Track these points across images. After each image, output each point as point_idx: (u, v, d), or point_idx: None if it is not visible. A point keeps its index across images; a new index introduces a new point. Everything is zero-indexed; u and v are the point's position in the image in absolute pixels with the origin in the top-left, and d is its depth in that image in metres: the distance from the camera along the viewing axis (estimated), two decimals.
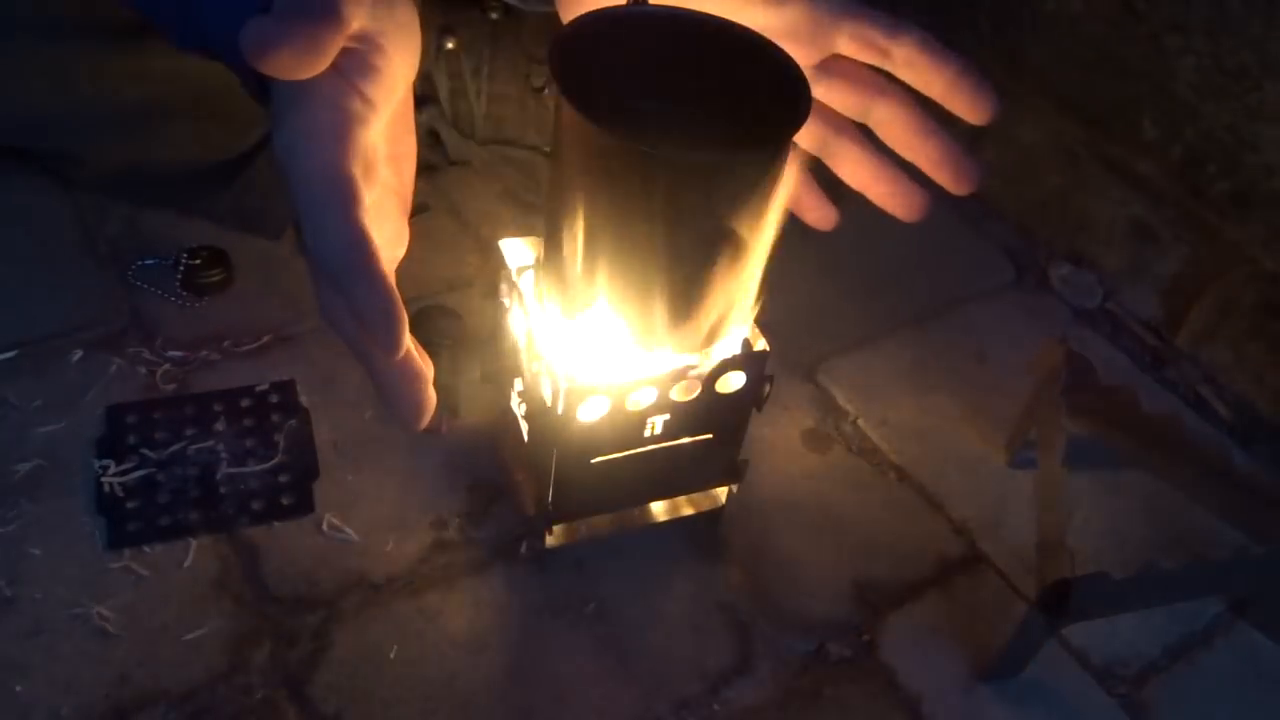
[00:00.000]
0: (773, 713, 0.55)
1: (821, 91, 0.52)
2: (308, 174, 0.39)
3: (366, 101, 0.42)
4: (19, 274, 0.69)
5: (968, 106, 0.50)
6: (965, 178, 0.52)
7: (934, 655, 0.59)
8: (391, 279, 0.39)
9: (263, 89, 0.43)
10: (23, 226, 0.72)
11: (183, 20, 0.47)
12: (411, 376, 0.41)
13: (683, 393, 0.52)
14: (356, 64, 0.42)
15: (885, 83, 0.51)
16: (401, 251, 0.45)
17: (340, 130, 0.40)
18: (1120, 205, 0.81)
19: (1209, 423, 0.75)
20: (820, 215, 0.56)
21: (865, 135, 0.53)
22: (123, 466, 0.59)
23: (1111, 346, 0.80)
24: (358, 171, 0.40)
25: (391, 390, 0.41)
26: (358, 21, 0.41)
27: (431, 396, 0.42)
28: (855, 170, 0.54)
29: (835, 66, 0.52)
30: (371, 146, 0.42)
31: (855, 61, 0.52)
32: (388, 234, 0.43)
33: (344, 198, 0.39)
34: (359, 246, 0.38)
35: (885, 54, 0.50)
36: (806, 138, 0.54)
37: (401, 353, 0.39)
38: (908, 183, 0.53)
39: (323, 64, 0.40)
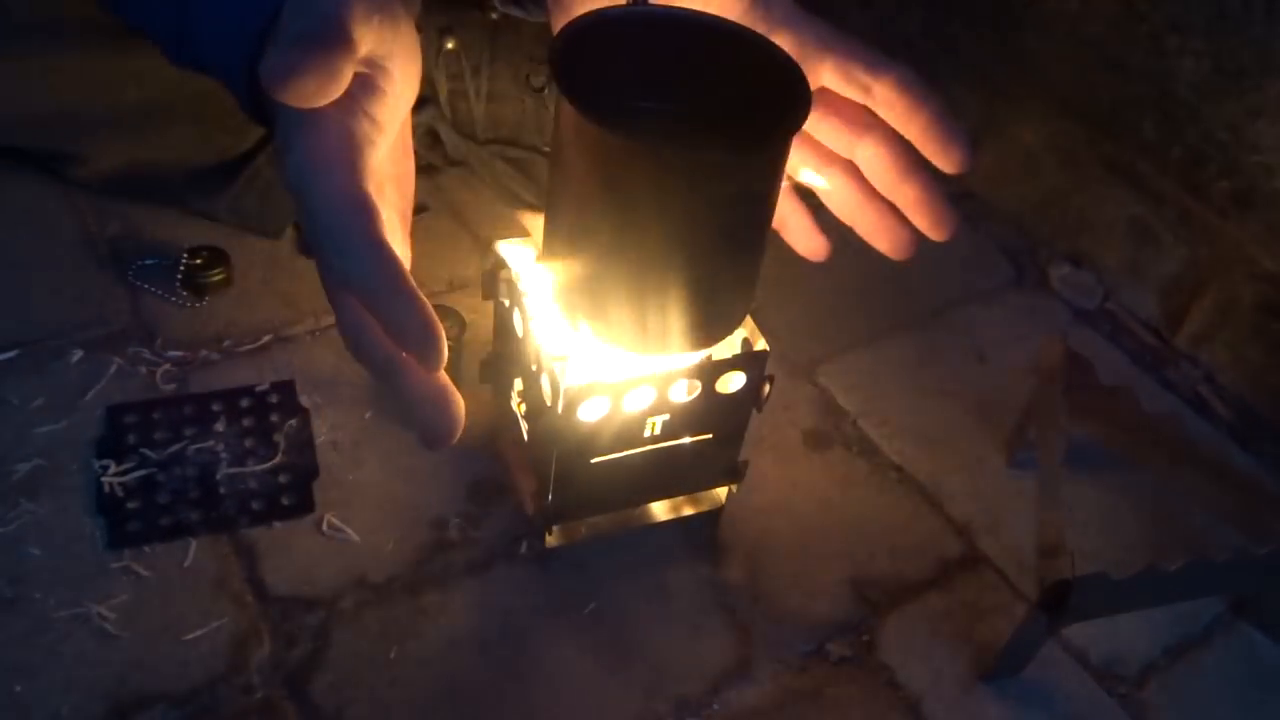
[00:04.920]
0: (773, 713, 0.55)
1: (809, 124, 0.52)
2: (325, 198, 0.39)
3: (374, 123, 0.42)
4: (19, 274, 0.69)
5: (938, 153, 0.50)
6: (942, 224, 0.52)
7: (934, 655, 0.59)
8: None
9: (258, 108, 0.43)
10: (23, 226, 0.72)
11: (179, 39, 0.47)
12: (445, 393, 0.41)
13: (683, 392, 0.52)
14: (363, 86, 0.42)
15: (871, 120, 0.52)
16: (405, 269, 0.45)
17: (352, 153, 0.40)
18: (1120, 205, 0.81)
19: (1209, 423, 0.75)
20: (810, 245, 0.56)
21: (854, 170, 0.54)
22: (123, 466, 0.59)
23: (1111, 346, 0.80)
24: (372, 192, 0.40)
25: (424, 408, 0.41)
26: (366, 46, 0.41)
27: (461, 412, 0.41)
28: (842, 205, 0.54)
29: (823, 100, 0.52)
30: (380, 167, 0.42)
31: (843, 96, 0.52)
32: (396, 252, 0.43)
33: (366, 219, 0.39)
34: (390, 266, 0.38)
35: (866, 90, 0.51)
36: (795, 169, 0.55)
37: (441, 368, 0.39)
38: (895, 219, 0.53)
39: (338, 91, 0.40)
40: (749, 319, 0.53)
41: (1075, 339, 0.78)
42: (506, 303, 0.57)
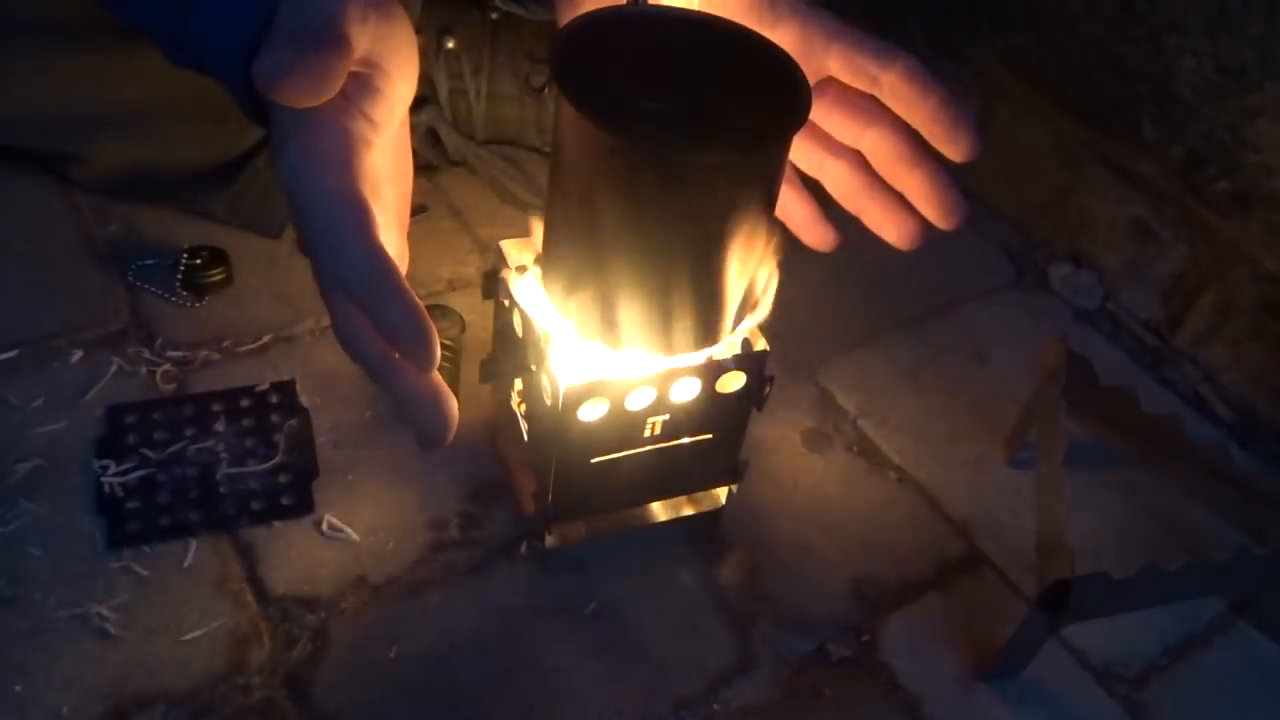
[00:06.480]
0: (773, 713, 0.55)
1: (816, 114, 0.52)
2: (319, 198, 0.39)
3: (370, 123, 0.42)
4: (19, 274, 0.69)
5: (946, 142, 0.50)
6: (950, 212, 0.52)
7: (934, 655, 0.59)
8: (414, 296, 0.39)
9: (256, 109, 0.43)
10: (23, 226, 0.72)
11: (177, 39, 0.47)
12: (439, 393, 0.41)
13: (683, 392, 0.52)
14: (359, 86, 0.42)
15: (878, 110, 0.52)
16: (403, 270, 0.45)
17: (347, 153, 0.40)
18: (1120, 205, 0.81)
19: (1209, 423, 0.75)
20: (818, 236, 0.56)
21: (861, 160, 0.54)
22: (123, 466, 0.59)
23: (1111, 346, 0.80)
24: (367, 192, 0.40)
25: (418, 409, 0.41)
26: (362, 46, 0.41)
27: (455, 412, 0.42)
28: (849, 195, 0.54)
29: (829, 90, 0.52)
30: (376, 168, 0.42)
31: (849, 86, 0.52)
32: (392, 253, 0.43)
33: (359, 220, 0.39)
34: (383, 267, 0.38)
35: (874, 81, 0.51)
36: (802, 159, 0.55)
37: (434, 369, 0.39)
38: (901, 209, 0.53)
39: (333, 91, 0.40)
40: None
41: (1075, 339, 0.78)
42: (506, 303, 0.57)
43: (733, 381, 0.53)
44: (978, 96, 0.88)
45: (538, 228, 0.53)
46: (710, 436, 0.56)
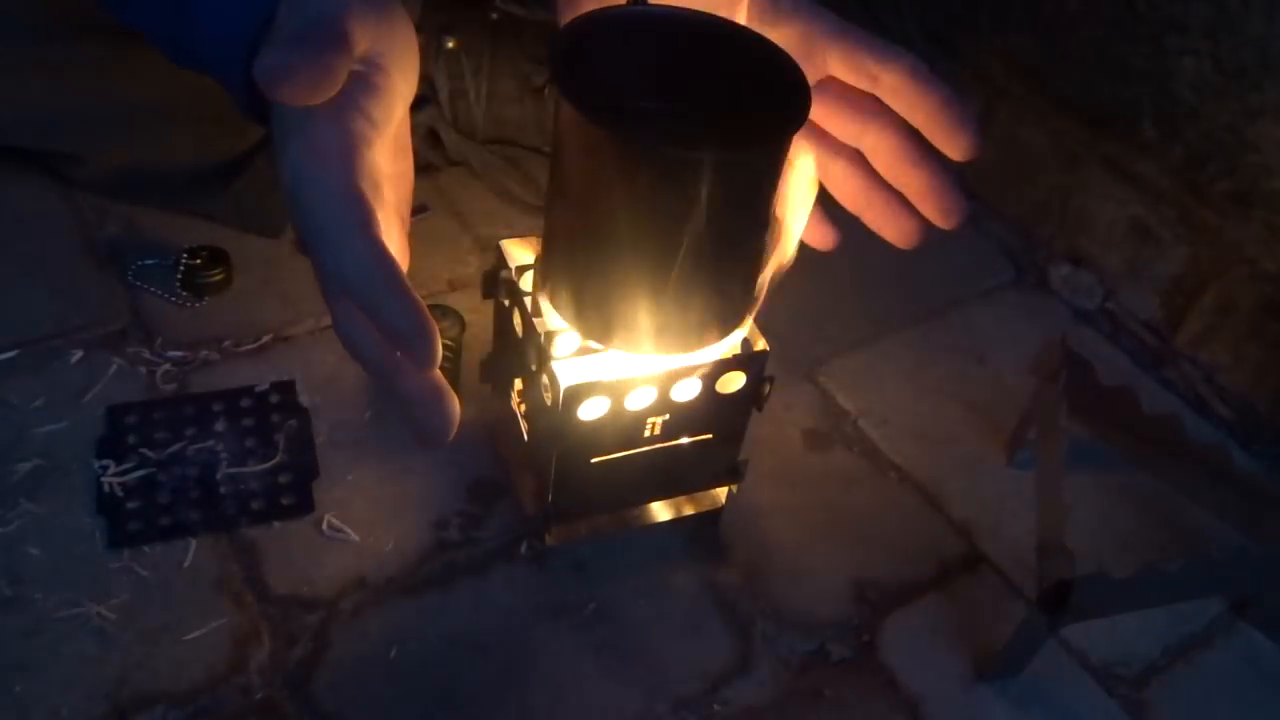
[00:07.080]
0: (773, 713, 0.55)
1: (816, 113, 0.52)
2: (319, 196, 0.39)
3: (370, 121, 0.42)
4: (19, 274, 0.69)
5: (947, 140, 0.50)
6: (950, 212, 0.52)
7: (934, 655, 0.59)
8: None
9: (256, 109, 0.43)
10: (23, 226, 0.72)
11: (177, 40, 0.47)
12: (440, 392, 0.41)
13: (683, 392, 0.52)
14: (360, 84, 0.42)
15: (878, 109, 0.52)
16: (404, 270, 0.45)
17: (348, 151, 0.40)
18: (1120, 205, 0.81)
19: (1209, 423, 0.75)
20: (819, 236, 0.56)
21: (861, 159, 0.54)
22: (123, 466, 0.59)
23: (1111, 346, 0.80)
24: (368, 191, 0.40)
25: (418, 408, 0.41)
26: (362, 44, 0.41)
27: (457, 411, 0.42)
28: (849, 193, 0.54)
29: (830, 89, 0.52)
30: (377, 166, 0.42)
31: (850, 85, 0.52)
32: (393, 252, 0.43)
33: (360, 218, 0.39)
34: (384, 265, 0.38)
35: (874, 79, 0.51)
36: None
37: (435, 368, 0.39)
38: (901, 209, 0.53)
39: (333, 90, 0.40)
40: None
41: (1075, 339, 0.78)
42: (506, 303, 0.57)
43: (733, 381, 0.53)
44: (978, 97, 0.88)
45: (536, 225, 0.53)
46: (710, 436, 0.56)
